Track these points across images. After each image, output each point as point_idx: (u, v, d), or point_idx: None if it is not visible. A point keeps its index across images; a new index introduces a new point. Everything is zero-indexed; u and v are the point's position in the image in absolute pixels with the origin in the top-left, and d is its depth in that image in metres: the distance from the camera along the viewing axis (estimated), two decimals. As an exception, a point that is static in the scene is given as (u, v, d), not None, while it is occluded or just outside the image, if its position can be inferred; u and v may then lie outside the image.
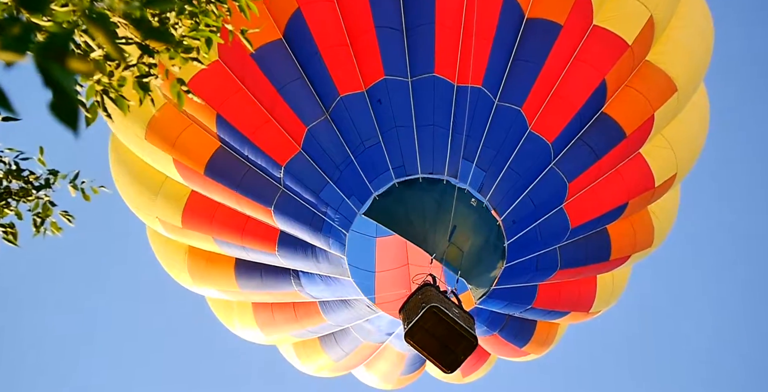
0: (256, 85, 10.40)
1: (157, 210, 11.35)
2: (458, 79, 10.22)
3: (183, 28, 5.19)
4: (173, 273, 12.35)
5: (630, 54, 10.75)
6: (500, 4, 10.26)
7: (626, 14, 10.73)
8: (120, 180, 11.87)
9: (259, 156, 10.36)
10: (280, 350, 13.40)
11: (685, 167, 11.77)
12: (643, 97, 10.97)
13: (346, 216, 10.20)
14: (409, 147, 10.18)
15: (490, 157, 10.22)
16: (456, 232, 10.08)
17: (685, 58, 11.39)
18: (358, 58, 10.28)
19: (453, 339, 9.44)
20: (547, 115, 10.40)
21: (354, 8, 10.27)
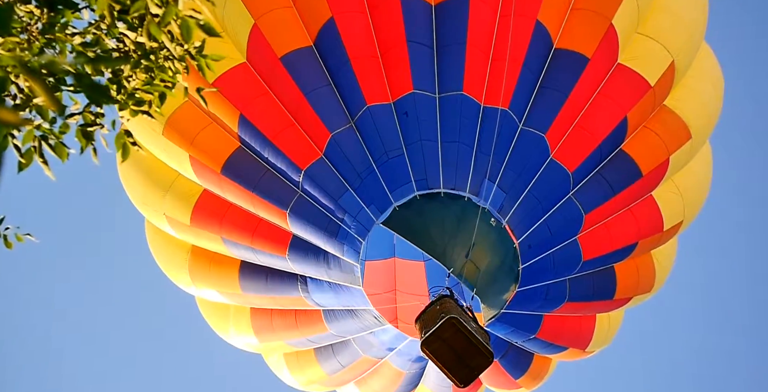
0: (283, 89, 10.35)
1: (166, 207, 11.14)
2: (485, 100, 10.24)
3: (136, 81, 5.18)
4: (170, 272, 12.03)
5: (651, 95, 10.92)
6: (531, 31, 10.38)
7: (650, 56, 10.94)
8: (128, 175, 11.71)
9: (280, 158, 10.29)
10: (267, 360, 12.91)
11: (690, 216, 11.86)
12: (661, 140, 11.11)
13: (363, 224, 10.11)
14: (432, 161, 10.13)
15: (512, 180, 10.20)
16: (474, 250, 10.01)
17: (699, 107, 11.60)
18: (388, 70, 10.27)
19: (469, 353, 9.31)
20: (570, 144, 10.45)
21: (387, 22, 10.30)
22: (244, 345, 12.35)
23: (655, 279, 11.99)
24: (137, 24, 4.95)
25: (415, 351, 11.26)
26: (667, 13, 11.25)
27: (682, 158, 11.41)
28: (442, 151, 10.13)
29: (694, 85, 11.58)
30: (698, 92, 11.65)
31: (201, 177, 10.76)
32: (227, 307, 12.10)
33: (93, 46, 5.02)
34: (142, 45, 5.06)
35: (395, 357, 11.57)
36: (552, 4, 10.48)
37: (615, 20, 10.65)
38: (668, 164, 11.17)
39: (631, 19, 10.78)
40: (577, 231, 10.67)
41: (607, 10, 10.63)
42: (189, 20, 4.66)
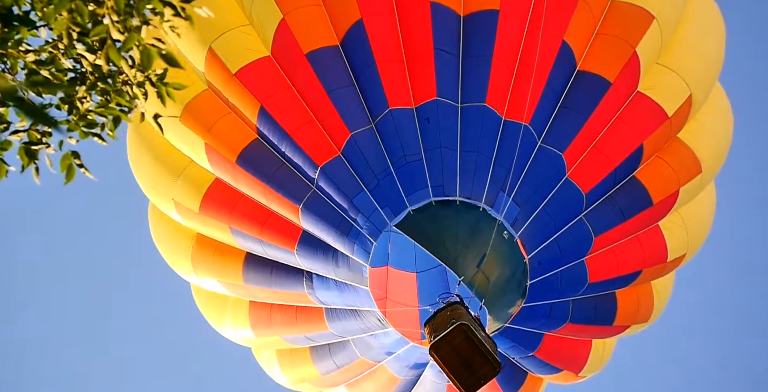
0: (306, 85, 10.29)
1: (176, 193, 10.97)
2: (507, 114, 10.21)
3: (90, 104, 5.08)
4: (171, 259, 11.83)
5: (668, 125, 10.98)
6: (557, 51, 10.40)
7: (669, 87, 11.00)
8: (139, 158, 11.56)
9: (297, 153, 10.23)
10: (258, 356, 12.66)
11: (692, 250, 11.90)
12: (673, 171, 11.16)
13: (376, 225, 10.05)
14: (450, 168, 10.08)
15: (527, 195, 10.18)
16: (485, 262, 9.95)
17: (712, 143, 11.69)
18: (413, 75, 10.23)
19: (477, 361, 9.26)
20: (586, 165, 10.45)
21: (416, 28, 10.26)
22: (238, 337, 12.10)
23: (653, 309, 11.96)
24: (97, 47, 4.83)
25: (413, 358, 11.11)
26: (688, 48, 11.35)
27: (691, 191, 11.44)
28: (460, 159, 10.08)
29: (707, 121, 11.66)
30: (711, 128, 11.73)
31: (215, 165, 10.65)
32: (225, 299, 11.88)
33: (47, 65, 4.92)
34: (99, 67, 4.95)
35: (393, 362, 11.35)
36: (579, 26, 10.53)
37: (639, 48, 10.72)
38: (678, 196, 11.18)
39: (653, 48, 10.86)
40: (586, 252, 10.64)
41: (631, 38, 10.71)
42: (151, 49, 4.61)
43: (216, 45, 10.40)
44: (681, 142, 11.35)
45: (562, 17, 10.49)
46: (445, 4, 10.35)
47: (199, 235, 11.32)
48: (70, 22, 4.65)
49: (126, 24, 4.61)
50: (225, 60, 10.41)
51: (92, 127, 5.12)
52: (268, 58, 10.36)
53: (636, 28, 10.76)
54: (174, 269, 12.02)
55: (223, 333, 12.27)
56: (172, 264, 11.94)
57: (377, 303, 10.46)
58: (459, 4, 10.35)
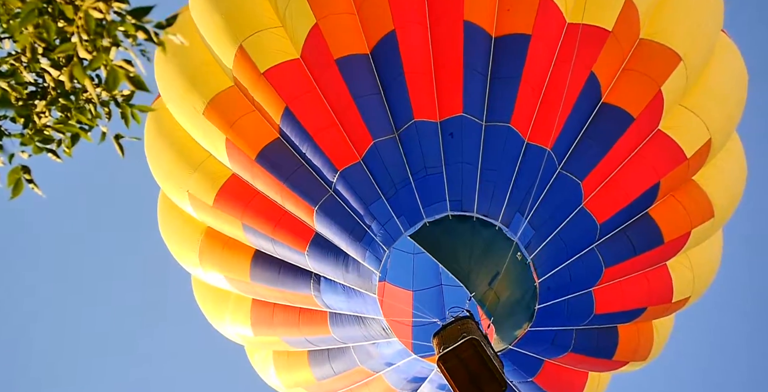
0: (333, 90, 10.33)
1: (191, 185, 10.90)
2: (530, 137, 10.24)
3: (46, 119, 4.90)
4: (178, 251, 11.69)
5: (685, 166, 11.00)
6: (584, 80, 10.45)
7: (690, 129, 11.04)
8: (156, 148, 11.51)
9: (317, 156, 10.22)
10: (251, 356, 12.41)
11: (697, 293, 11.85)
12: (686, 212, 11.14)
13: (390, 234, 10.01)
14: (470, 185, 10.06)
15: (543, 219, 10.15)
16: (497, 280, 9.90)
17: (725, 189, 11.67)
18: (440, 90, 10.26)
19: (483, 377, 9.18)
20: (603, 196, 10.44)
21: (447, 44, 10.32)
22: (235, 335, 11.90)
23: (652, 349, 11.87)
24: (63, 63, 4.69)
25: (413, 371, 10.91)
26: (711, 92, 11.41)
27: (702, 235, 11.40)
28: (480, 176, 10.07)
29: (722, 167, 11.70)
30: (726, 174, 11.76)
31: (234, 161, 10.60)
32: (227, 295, 11.70)
33: (7, 77, 4.76)
34: (62, 83, 4.76)
35: (392, 373, 11.11)
36: (607, 60, 10.58)
37: (664, 87, 10.78)
38: (689, 237, 11.14)
39: (678, 89, 10.92)
40: (595, 282, 10.57)
41: (658, 76, 10.79)
42: (119, 71, 4.44)
43: (247, 43, 10.46)
44: (696, 185, 11.36)
45: (592, 49, 10.55)
46: (478, 24, 10.44)
47: (209, 229, 11.20)
48: (36, 37, 4.51)
49: (95, 44, 4.46)
50: (254, 59, 10.48)
51: (48, 143, 4.92)
52: (297, 61, 10.44)
53: (663, 68, 10.84)
54: (179, 261, 11.88)
55: (221, 329, 12.08)
56: (177, 255, 11.80)
57: (384, 312, 10.37)
58: (492, 26, 10.44)
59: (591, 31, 10.55)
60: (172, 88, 11.12)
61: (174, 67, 11.06)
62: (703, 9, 11.39)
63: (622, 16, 10.66)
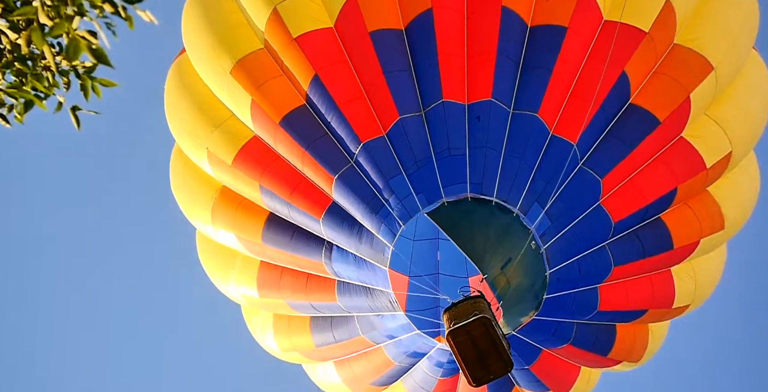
0: (364, 62, 10.21)
1: (211, 142, 10.75)
2: (555, 129, 10.17)
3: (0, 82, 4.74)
4: (189, 206, 11.61)
5: (704, 176, 10.97)
6: (615, 79, 10.36)
7: (712, 140, 10.98)
8: (177, 103, 11.36)
9: (342, 126, 10.13)
10: (248, 318, 12.39)
11: (697, 302, 11.86)
12: (698, 221, 11.10)
13: (407, 209, 9.96)
14: (492, 169, 9.98)
15: (560, 211, 10.09)
16: (510, 265, 9.87)
17: (738, 203, 11.62)
18: (471, 72, 10.16)
19: (491, 356, 9.17)
20: (620, 196, 10.39)
21: (483, 28, 10.20)
22: (239, 295, 11.82)
23: (646, 352, 11.89)
24: (22, 26, 4.52)
25: (414, 346, 10.87)
26: (737, 106, 11.37)
27: (710, 245, 11.37)
28: (503, 162, 9.99)
29: (738, 181, 11.71)
30: (740, 189, 11.75)
31: (257, 123, 10.47)
32: (234, 255, 11.63)
33: None
34: (19, 47, 4.60)
35: (392, 346, 11.08)
36: (640, 61, 10.45)
37: (693, 94, 10.74)
38: (697, 246, 11.12)
39: (706, 98, 10.87)
40: (602, 279, 10.55)
41: (689, 83, 10.72)
42: (80, 41, 4.26)
43: (281, 7, 10.31)
44: (710, 196, 11.33)
45: (627, 48, 10.47)
46: (515, 11, 10.34)
47: (224, 188, 11.11)
48: None
49: (59, 10, 4.27)
50: (288, 23, 10.33)
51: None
52: (330, 30, 10.30)
53: (694, 75, 10.78)
54: (188, 216, 11.78)
55: (223, 288, 12.00)
56: (188, 211, 11.70)
57: (392, 285, 10.35)
58: (529, 14, 10.35)
59: (627, 31, 10.44)
60: (200, 45, 10.98)
61: (204, 24, 10.92)
62: (740, 22, 11.33)
63: (659, 19, 10.57)
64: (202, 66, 11.05)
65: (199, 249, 12.27)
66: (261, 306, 12.01)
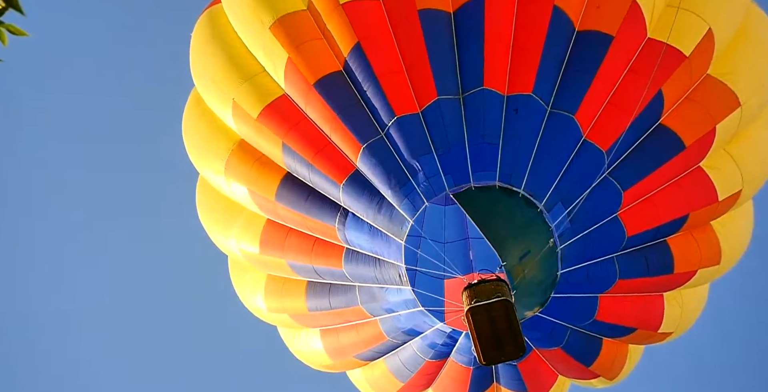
0: (409, 38, 10.03)
1: (238, 94, 10.45)
2: (589, 134, 10.07)
3: None
4: (201, 155, 11.33)
5: (714, 208, 10.99)
6: (652, 96, 10.45)
7: (728, 175, 11.00)
8: (205, 52, 11.05)
9: (378, 97, 9.98)
10: (236, 276, 12.08)
11: (679, 331, 11.85)
12: (699, 252, 10.97)
13: (433, 188, 9.81)
14: (523, 162, 9.84)
15: (581, 216, 10.01)
16: (528, 257, 9.77)
17: (735, 243, 11.72)
18: (514, 64, 10.01)
19: (507, 338, 9.12)
20: (637, 212, 10.37)
21: (533, 22, 10.08)
22: (236, 249, 11.48)
23: (622, 371, 11.75)
24: None
25: (412, 323, 10.62)
26: (754, 147, 11.32)
27: (703, 277, 11.42)
28: (535, 157, 9.87)
29: (736, 219, 11.75)
30: (738, 227, 11.71)
31: (290, 82, 10.23)
32: (239, 210, 11.32)
33: None
34: None
35: (389, 320, 10.80)
36: (677, 83, 10.28)
37: (719, 126, 10.84)
38: (694, 275, 11.22)
39: (729, 132, 10.87)
40: (605, 289, 10.55)
41: (717, 114, 10.69)
42: None
43: None
44: (713, 230, 11.30)
45: (667, 68, 10.26)
46: (566, 13, 10.07)
47: (242, 141, 10.87)
48: None
49: None
50: None
51: None
52: (378, 2, 10.14)
53: (723, 107, 10.74)
54: (198, 164, 11.49)
55: (220, 239, 11.68)
56: (199, 159, 11.43)
57: (405, 260, 10.12)
58: (578, 18, 10.17)
59: (670, 51, 10.41)
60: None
61: None
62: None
63: (700, 46, 10.53)
64: (239, 18, 10.78)
65: (199, 199, 11.93)
66: (259, 263, 11.60)
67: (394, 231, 9.97)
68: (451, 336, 10.50)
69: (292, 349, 12.49)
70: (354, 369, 12.03)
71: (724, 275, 12.05)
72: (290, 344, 12.44)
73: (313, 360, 12.16)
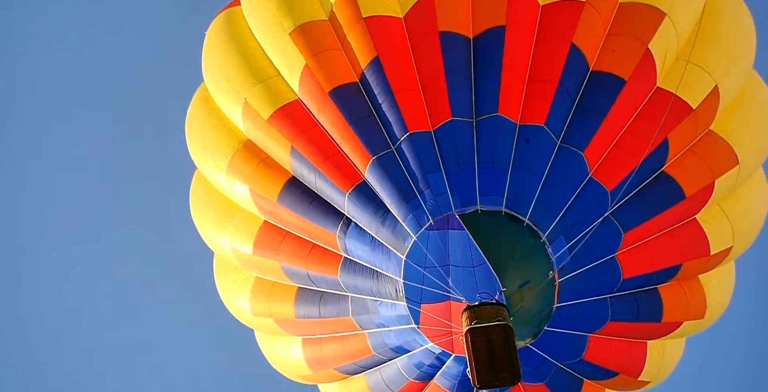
0: (428, 57, 10.20)
1: (251, 95, 10.66)
2: (595, 172, 10.13)
3: None
4: (202, 152, 11.40)
5: (705, 261, 11.07)
6: (658, 144, 10.48)
7: (720, 230, 10.99)
8: (220, 51, 11.32)
9: (392, 112, 10.07)
10: (222, 272, 11.90)
11: (656, 381, 11.85)
12: (686, 303, 11.13)
13: (439, 206, 9.77)
14: (530, 192, 9.85)
15: (581, 252, 10.01)
16: (526, 286, 9.70)
17: (719, 299, 11.78)
18: (529, 95, 10.11)
19: (503, 364, 9.00)
20: (634, 255, 10.42)
21: (549, 59, 10.22)
22: (228, 248, 11.33)
23: None
24: None
25: (401, 340, 10.43)
26: (745, 205, 11.45)
27: (687, 329, 11.49)
28: (542, 188, 9.89)
29: (721, 276, 11.94)
30: (723, 285, 11.88)
31: (305, 88, 10.32)
32: (236, 209, 11.25)
33: None
34: None
35: (378, 335, 10.58)
36: (681, 132, 10.53)
37: (718, 181, 10.96)
38: (679, 326, 11.27)
39: (726, 188, 10.88)
40: (596, 329, 10.53)
41: (716, 169, 10.84)
42: None
43: None
44: (700, 284, 11.36)
45: (674, 118, 10.41)
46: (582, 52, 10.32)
47: (249, 142, 10.85)
48: None
49: None
50: (360, 2, 10.34)
51: None
52: (399, 20, 10.26)
53: (722, 164, 10.85)
54: (198, 160, 11.48)
55: (212, 236, 11.60)
56: (203, 156, 11.41)
57: (404, 275, 9.95)
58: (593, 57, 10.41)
59: (678, 102, 10.63)
60: (263, 3, 10.87)
61: None
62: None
63: (707, 101, 10.69)
64: (259, 21, 10.89)
65: (193, 194, 11.86)
66: (250, 264, 11.38)
67: (396, 246, 9.89)
68: (439, 357, 10.36)
69: (268, 356, 12.17)
70: (331, 382, 11.72)
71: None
72: (267, 350, 12.13)
73: (290, 369, 11.86)
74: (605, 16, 10.47)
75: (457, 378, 10.43)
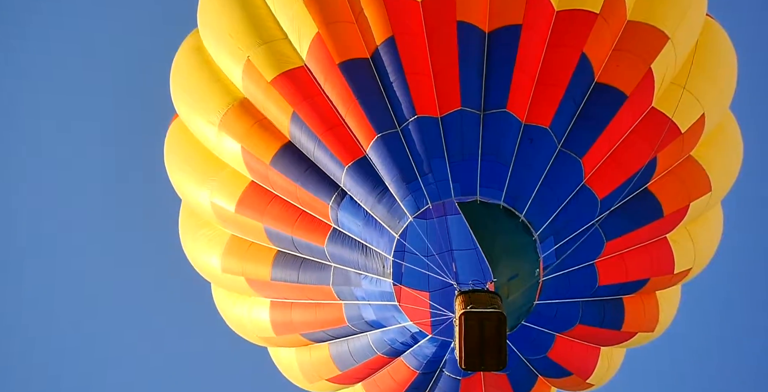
0: (443, 44, 10.24)
1: (254, 54, 10.47)
2: (589, 179, 10.35)
3: None
4: (192, 106, 11.14)
5: (669, 279, 11.60)
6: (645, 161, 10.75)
7: (685, 251, 11.36)
8: (223, 8, 11.02)
9: (402, 94, 10.05)
10: (186, 228, 11.69)
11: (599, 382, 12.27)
12: (644, 315, 11.58)
13: (440, 192, 9.79)
14: (527, 190, 9.98)
15: (571, 257, 10.27)
16: (514, 280, 9.82)
17: (670, 314, 12.48)
18: (537, 95, 10.26)
19: (492, 350, 9.04)
20: (614, 265, 10.73)
21: (558, 63, 10.41)
22: (208, 203, 10.97)
23: None
24: None
25: (379, 315, 10.32)
26: (708, 231, 11.92)
27: (640, 339, 12.00)
28: (540, 188, 10.05)
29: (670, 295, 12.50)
30: (671, 302, 12.57)
31: (312, 57, 10.23)
32: (221, 166, 10.94)
33: None
34: None
35: (355, 307, 10.44)
36: (669, 154, 10.90)
37: (693, 204, 11.22)
38: (633, 336, 11.66)
39: (697, 212, 11.19)
40: (566, 329, 10.78)
41: (693, 193, 11.09)
42: None
43: None
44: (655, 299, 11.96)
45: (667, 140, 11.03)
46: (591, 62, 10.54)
47: (245, 100, 10.58)
48: None
49: None
50: None
51: None
52: (417, 4, 10.29)
53: (699, 188, 11.30)
54: (184, 111, 11.20)
55: (189, 189, 11.34)
56: (191, 107, 11.11)
57: (395, 254, 9.91)
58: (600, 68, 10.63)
59: (672, 127, 10.95)
60: None
61: None
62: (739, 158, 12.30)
63: (694, 126, 11.12)
64: None
65: (169, 144, 11.67)
66: (229, 222, 11.05)
67: (391, 224, 9.81)
68: (414, 337, 10.19)
69: (225, 315, 11.89)
70: (291, 347, 11.49)
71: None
72: (225, 309, 11.84)
73: (250, 330, 11.57)
74: (614, 31, 10.63)
75: (426, 359, 10.39)
